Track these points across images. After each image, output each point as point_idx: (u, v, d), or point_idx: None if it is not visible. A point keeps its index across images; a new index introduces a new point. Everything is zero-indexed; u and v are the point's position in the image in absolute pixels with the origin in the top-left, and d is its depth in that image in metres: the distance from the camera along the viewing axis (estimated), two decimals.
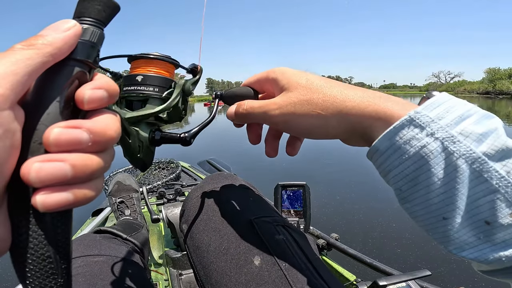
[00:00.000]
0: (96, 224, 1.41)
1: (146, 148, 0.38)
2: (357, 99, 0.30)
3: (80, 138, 0.19)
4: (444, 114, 0.25)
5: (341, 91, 0.31)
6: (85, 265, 0.58)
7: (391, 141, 0.27)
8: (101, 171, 0.21)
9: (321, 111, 0.31)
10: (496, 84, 53.39)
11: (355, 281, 1.06)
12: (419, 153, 0.25)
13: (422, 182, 0.25)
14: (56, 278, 0.20)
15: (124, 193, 1.15)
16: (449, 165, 0.24)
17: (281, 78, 0.35)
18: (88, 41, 0.21)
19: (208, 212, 0.51)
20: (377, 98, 0.30)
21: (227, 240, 0.46)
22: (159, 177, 2.09)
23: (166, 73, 0.39)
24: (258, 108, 0.36)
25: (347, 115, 0.30)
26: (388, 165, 0.27)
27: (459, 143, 0.24)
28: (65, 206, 0.19)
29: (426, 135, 0.25)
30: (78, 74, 0.20)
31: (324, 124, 0.31)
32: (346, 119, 0.30)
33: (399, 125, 0.26)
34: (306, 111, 0.32)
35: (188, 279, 1.21)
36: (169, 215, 1.26)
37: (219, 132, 10.74)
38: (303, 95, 0.33)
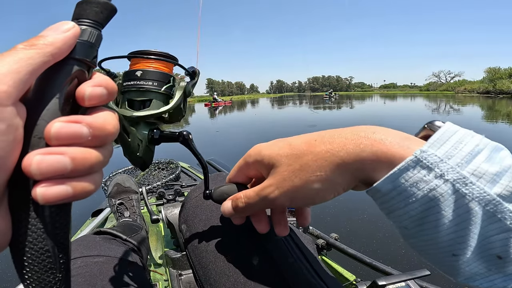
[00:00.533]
0: (96, 224, 1.41)
1: (146, 147, 0.39)
2: (349, 145, 0.27)
3: (80, 132, 0.20)
4: (453, 151, 0.23)
5: (329, 141, 0.29)
6: (85, 265, 0.58)
7: (395, 184, 0.25)
8: (100, 166, 0.22)
9: (319, 173, 0.28)
10: (496, 84, 53.38)
11: (355, 281, 1.07)
12: (427, 196, 0.23)
13: (431, 223, 0.24)
14: (55, 273, 0.21)
15: (123, 195, 1.15)
16: (460, 207, 0.22)
17: (261, 157, 0.33)
18: (87, 41, 0.21)
19: (207, 212, 0.51)
20: (371, 134, 0.27)
21: (226, 240, 0.46)
22: (158, 178, 2.08)
23: (165, 68, 0.40)
24: (256, 196, 0.33)
25: (346, 165, 0.27)
26: (391, 205, 0.26)
27: (472, 185, 0.22)
28: (65, 199, 0.20)
29: (435, 177, 0.23)
30: (77, 73, 0.21)
31: (329, 185, 0.28)
32: (346, 170, 0.27)
33: (404, 166, 0.24)
34: (304, 179, 0.29)
35: (188, 279, 1.21)
36: (168, 216, 1.26)
37: (219, 132, 10.74)
38: (293, 164, 0.30)
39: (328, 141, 0.29)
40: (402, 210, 0.25)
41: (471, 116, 13.61)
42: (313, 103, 33.68)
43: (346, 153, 0.27)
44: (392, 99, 42.33)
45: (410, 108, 22.40)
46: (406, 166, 0.24)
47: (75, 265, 0.58)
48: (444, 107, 21.01)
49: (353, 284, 1.05)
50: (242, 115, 19.27)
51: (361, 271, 1.31)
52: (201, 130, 11.24)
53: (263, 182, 0.33)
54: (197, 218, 0.52)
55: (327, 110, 20.39)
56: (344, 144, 0.27)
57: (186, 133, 0.40)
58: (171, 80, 0.41)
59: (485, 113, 15.83)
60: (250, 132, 9.64)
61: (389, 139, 0.26)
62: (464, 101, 30.63)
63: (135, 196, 1.16)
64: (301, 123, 12.06)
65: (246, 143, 7.75)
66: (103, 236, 0.80)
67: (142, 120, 0.39)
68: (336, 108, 22.65)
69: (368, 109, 22.10)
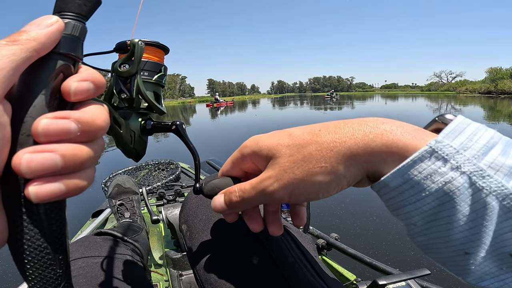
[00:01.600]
0: (96, 225, 1.41)
1: (138, 137, 0.39)
2: (357, 134, 0.26)
3: (68, 128, 0.19)
4: (468, 143, 0.22)
5: (335, 131, 0.27)
6: (85, 266, 0.58)
7: (406, 176, 0.23)
8: (92, 161, 0.21)
9: (323, 164, 0.26)
10: (498, 84, 53.35)
11: (355, 281, 1.07)
12: (442, 189, 0.22)
13: (444, 218, 0.23)
14: (55, 269, 0.21)
15: (124, 196, 1.15)
16: (477, 201, 0.21)
17: (259, 148, 0.31)
18: (71, 35, 0.21)
19: (207, 213, 0.51)
20: (380, 125, 0.26)
21: (226, 240, 0.46)
22: (158, 178, 2.08)
23: (156, 58, 0.40)
24: (252, 189, 0.30)
25: (354, 157, 0.25)
26: (400, 200, 0.24)
27: (489, 178, 0.21)
28: (58, 196, 0.19)
29: (451, 169, 0.22)
30: (62, 67, 0.21)
31: (333, 178, 0.26)
32: (354, 161, 0.26)
33: (418, 157, 0.23)
34: (307, 171, 0.27)
35: (189, 280, 1.21)
36: (169, 216, 1.26)
37: (219, 133, 10.74)
38: (294, 154, 0.28)
39: (333, 131, 0.27)
40: (412, 205, 0.23)
41: (472, 117, 13.56)
42: (314, 103, 33.63)
43: (354, 143, 0.25)
44: (394, 99, 42.29)
45: (412, 108, 22.35)
46: (420, 157, 0.23)
47: (75, 266, 0.58)
48: (445, 107, 20.96)
49: (354, 284, 1.04)
50: (243, 116, 19.28)
51: (361, 271, 1.31)
52: (201, 132, 11.24)
53: (261, 175, 0.30)
54: (197, 218, 0.52)
55: (329, 110, 20.34)
56: (352, 134, 0.26)
57: (179, 123, 0.40)
58: (162, 69, 0.41)
59: (487, 113, 15.82)
60: (251, 132, 9.63)
61: (400, 129, 0.25)
62: (465, 101, 30.59)
63: (136, 196, 1.16)
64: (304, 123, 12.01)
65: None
66: (104, 237, 0.80)
67: (134, 111, 0.39)
68: (338, 108, 22.60)
69: (371, 109, 22.06)
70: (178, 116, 23.37)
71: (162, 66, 0.41)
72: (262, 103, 43.89)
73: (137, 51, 0.37)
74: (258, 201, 0.31)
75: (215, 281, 0.43)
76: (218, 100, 37.79)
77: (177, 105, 56.99)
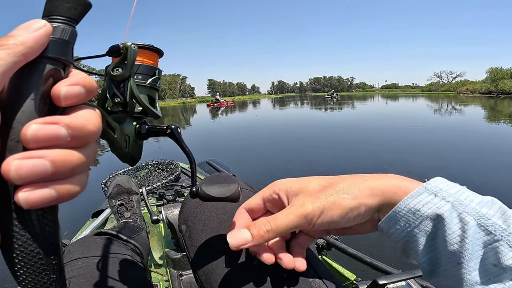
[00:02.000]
0: (96, 225, 1.41)
1: (133, 142, 0.39)
2: (375, 177, 0.34)
3: (58, 133, 0.19)
4: (447, 186, 0.31)
5: (355, 176, 0.35)
6: (85, 266, 0.58)
7: (411, 204, 0.31)
8: (83, 166, 0.21)
9: (350, 193, 0.33)
10: (498, 84, 53.28)
11: (355, 280, 1.07)
12: (435, 213, 0.30)
13: (440, 235, 0.29)
14: (49, 274, 0.21)
15: (124, 196, 1.15)
16: (460, 220, 0.28)
17: (289, 185, 0.37)
18: (60, 39, 0.21)
19: (206, 213, 0.51)
20: (389, 175, 0.34)
21: (225, 240, 0.46)
22: (158, 178, 2.08)
23: (150, 61, 0.39)
24: (285, 214, 0.35)
25: (372, 190, 0.33)
26: (408, 224, 0.31)
27: (466, 206, 0.29)
28: (49, 202, 0.19)
29: (439, 200, 0.30)
30: (51, 72, 0.20)
31: (356, 203, 0.33)
32: (372, 194, 0.33)
33: (417, 192, 0.31)
34: (336, 197, 0.33)
35: (189, 280, 1.21)
36: (169, 216, 1.26)
37: (220, 133, 10.74)
38: (326, 187, 0.35)
39: (353, 176, 0.35)
40: (417, 228, 0.31)
41: (473, 117, 13.61)
42: (314, 103, 33.65)
43: (373, 181, 0.33)
44: (394, 99, 42.28)
45: (412, 108, 22.33)
46: (418, 191, 0.31)
47: (76, 266, 0.58)
48: (446, 108, 20.96)
49: (354, 284, 1.04)
50: (243, 116, 19.27)
51: (362, 271, 1.31)
52: (201, 132, 11.24)
53: (292, 202, 0.36)
54: (196, 218, 0.52)
55: (330, 110, 20.33)
56: (370, 176, 0.35)
57: (174, 127, 0.40)
58: (157, 73, 0.40)
59: (487, 113, 15.82)
60: (253, 133, 9.65)
61: (401, 178, 0.34)
62: (466, 101, 30.59)
63: (136, 197, 1.16)
64: (309, 125, 11.98)
65: (246, 144, 7.77)
66: (104, 237, 0.80)
67: (128, 115, 0.39)
68: (339, 108, 22.59)
69: (371, 108, 22.07)
70: (178, 116, 23.38)
71: (156, 70, 0.40)
72: (262, 103, 43.97)
73: (130, 55, 0.36)
74: (291, 227, 0.35)
75: (214, 281, 0.43)
76: (219, 100, 37.65)
77: (178, 105, 57.04)
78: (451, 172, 4.33)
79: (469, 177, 4.08)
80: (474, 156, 5.43)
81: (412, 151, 5.97)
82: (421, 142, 6.95)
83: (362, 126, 10.91)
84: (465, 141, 7.00)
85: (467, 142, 6.86)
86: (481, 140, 7.23)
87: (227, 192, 0.40)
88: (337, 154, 5.91)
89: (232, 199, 0.40)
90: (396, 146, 6.60)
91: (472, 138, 7.42)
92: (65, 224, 2.86)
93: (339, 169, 4.80)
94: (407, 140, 7.34)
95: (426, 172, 4.27)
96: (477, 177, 4.15)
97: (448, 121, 12.00)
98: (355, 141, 7.43)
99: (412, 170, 4.42)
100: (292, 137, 8.58)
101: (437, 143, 6.75)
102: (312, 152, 6.35)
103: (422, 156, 5.48)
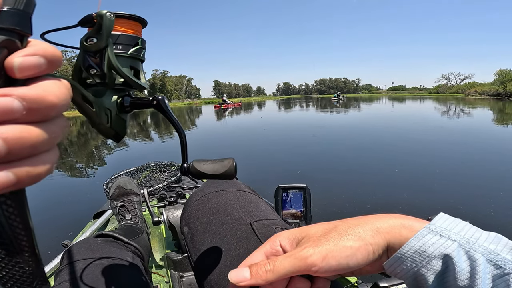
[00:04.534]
0: (98, 226, 1.42)
1: (116, 116, 0.36)
2: (380, 216, 0.34)
3: (10, 106, 0.17)
4: (451, 224, 0.31)
5: (359, 218, 0.35)
6: (87, 267, 0.59)
7: (419, 244, 0.31)
8: (47, 144, 0.19)
9: (354, 234, 0.32)
10: (507, 86, 52.55)
11: (356, 283, 1.05)
12: (443, 252, 0.30)
13: (451, 273, 0.29)
14: (22, 267, 0.20)
15: (125, 197, 1.15)
16: (469, 258, 0.29)
17: (291, 233, 0.36)
18: (13, 8, 0.19)
19: (208, 215, 0.52)
20: (389, 215, 0.34)
21: (227, 242, 0.46)
22: (160, 180, 2.08)
23: (130, 31, 0.38)
24: (286, 257, 0.33)
25: (378, 229, 0.32)
26: (416, 263, 0.31)
27: (473, 243, 0.29)
28: (7, 187, 0.17)
29: (445, 239, 0.30)
30: (4, 43, 0.19)
31: (362, 244, 0.32)
32: (378, 232, 0.32)
33: (422, 233, 0.31)
34: (340, 238, 0.32)
35: (189, 281, 1.21)
36: (170, 218, 1.26)
37: (221, 135, 10.77)
38: (329, 230, 0.34)
39: (357, 219, 0.35)
40: (425, 267, 0.30)
41: (481, 120, 13.46)
42: (320, 105, 33.56)
43: (378, 221, 0.33)
44: (401, 101, 42.02)
45: (420, 110, 22.20)
46: (422, 232, 0.31)
47: (77, 267, 0.59)
48: (454, 110, 20.78)
49: (355, 286, 1.03)
50: (248, 118, 19.31)
51: None
52: (206, 133, 11.28)
53: (296, 248, 0.34)
54: (199, 221, 0.52)
55: (339, 113, 20.28)
56: (375, 216, 0.34)
57: (161, 98, 0.38)
58: (140, 43, 0.38)
59: (496, 115, 15.65)
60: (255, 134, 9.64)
61: (406, 218, 0.33)
62: (474, 103, 30.30)
63: (137, 198, 1.17)
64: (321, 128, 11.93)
65: (247, 145, 7.77)
66: (105, 238, 0.81)
67: (108, 88, 0.37)
68: (346, 111, 22.52)
69: (380, 111, 21.97)
70: (184, 117, 23.45)
71: (139, 39, 0.38)
72: (268, 105, 43.99)
73: (105, 24, 0.34)
74: (290, 270, 0.32)
75: (215, 283, 0.43)
76: (226, 102, 37.37)
77: (183, 106, 57.29)
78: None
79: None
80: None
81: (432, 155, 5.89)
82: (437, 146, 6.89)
83: (374, 129, 10.81)
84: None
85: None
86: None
87: (221, 168, 0.37)
88: (355, 161, 5.74)
89: (227, 175, 0.37)
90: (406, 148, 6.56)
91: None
92: (66, 225, 2.90)
93: (339, 168, 4.79)
94: (422, 142, 7.28)
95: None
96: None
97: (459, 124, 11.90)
98: (370, 146, 7.15)
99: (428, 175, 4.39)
100: (302, 141, 8.49)
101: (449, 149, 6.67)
102: (313, 154, 6.34)
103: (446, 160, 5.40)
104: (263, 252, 0.36)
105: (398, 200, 3.38)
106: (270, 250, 0.36)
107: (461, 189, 3.76)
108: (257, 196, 0.60)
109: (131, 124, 19.73)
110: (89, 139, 12.36)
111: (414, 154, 5.86)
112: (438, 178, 4.20)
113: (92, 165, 6.61)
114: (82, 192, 4.47)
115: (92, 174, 5.85)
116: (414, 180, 4.20)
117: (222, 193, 0.57)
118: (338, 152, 6.40)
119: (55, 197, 4.26)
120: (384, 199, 3.40)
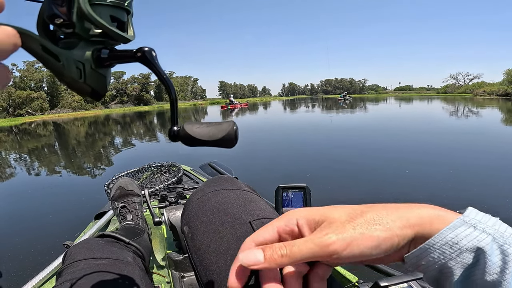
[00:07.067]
0: (99, 227, 1.43)
1: (91, 70, 0.32)
2: (409, 206, 0.32)
3: None
4: (483, 218, 0.30)
5: (388, 205, 0.32)
6: (88, 268, 0.59)
7: (451, 235, 0.29)
8: None
9: (382, 223, 0.30)
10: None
11: (357, 283, 1.05)
12: (476, 246, 0.29)
13: (481, 266, 0.28)
14: None
15: (126, 198, 1.16)
16: (502, 252, 0.28)
17: (310, 214, 0.33)
18: None
19: (208, 215, 0.52)
20: (421, 205, 0.32)
21: (227, 241, 0.47)
22: (161, 181, 2.09)
23: None
24: (306, 242, 0.30)
25: (407, 219, 0.30)
26: (445, 255, 0.30)
27: (507, 237, 0.29)
28: None
29: (479, 232, 0.29)
30: None
31: (389, 234, 0.30)
32: (407, 223, 0.30)
33: (454, 225, 0.29)
34: (367, 227, 0.30)
35: (190, 282, 1.22)
36: (171, 218, 1.27)
37: None
38: (354, 216, 0.31)
39: (386, 205, 0.32)
40: (454, 260, 0.29)
41: (490, 120, 13.32)
42: (326, 106, 33.44)
43: (407, 210, 0.31)
44: (408, 101, 41.71)
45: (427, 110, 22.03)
46: (456, 224, 0.29)
47: (78, 267, 0.60)
48: (462, 110, 20.59)
49: (355, 286, 1.03)
50: (254, 118, 19.32)
51: (363, 273, 1.28)
52: None
53: (315, 232, 0.31)
54: (199, 220, 0.52)
55: (346, 114, 20.21)
56: (404, 205, 0.32)
57: (148, 49, 0.33)
58: None
59: (504, 116, 15.47)
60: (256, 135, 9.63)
61: (438, 209, 0.31)
62: (482, 103, 29.94)
63: (138, 199, 1.18)
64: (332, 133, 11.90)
65: (247, 146, 7.69)
66: (106, 239, 0.81)
67: (82, 40, 0.32)
68: (352, 112, 22.42)
69: (388, 111, 21.85)
70: (190, 118, 23.53)
71: None
72: (273, 105, 43.94)
73: None
74: (307, 257, 0.30)
75: (215, 281, 0.43)
76: (233, 102, 37.02)
77: (189, 107, 57.42)
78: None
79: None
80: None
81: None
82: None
83: (384, 130, 10.75)
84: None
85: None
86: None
87: (219, 132, 0.33)
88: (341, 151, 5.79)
89: (225, 141, 0.33)
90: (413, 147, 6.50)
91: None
92: (68, 226, 2.90)
93: (340, 168, 4.78)
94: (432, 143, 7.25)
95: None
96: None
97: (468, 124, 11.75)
98: (383, 148, 7.02)
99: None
100: (306, 141, 8.49)
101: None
102: (313, 154, 6.31)
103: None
104: (275, 227, 0.33)
105: (406, 200, 3.34)
106: (283, 228, 0.33)
107: (477, 189, 3.72)
108: (257, 196, 0.60)
109: (136, 124, 19.88)
110: (96, 140, 12.47)
111: (421, 153, 5.85)
112: (452, 180, 4.16)
113: (94, 166, 6.62)
114: (84, 193, 4.49)
115: (94, 175, 5.87)
116: (424, 181, 4.16)
117: (222, 192, 0.57)
118: (340, 153, 6.39)
119: (56, 198, 4.31)
120: (388, 200, 3.38)
